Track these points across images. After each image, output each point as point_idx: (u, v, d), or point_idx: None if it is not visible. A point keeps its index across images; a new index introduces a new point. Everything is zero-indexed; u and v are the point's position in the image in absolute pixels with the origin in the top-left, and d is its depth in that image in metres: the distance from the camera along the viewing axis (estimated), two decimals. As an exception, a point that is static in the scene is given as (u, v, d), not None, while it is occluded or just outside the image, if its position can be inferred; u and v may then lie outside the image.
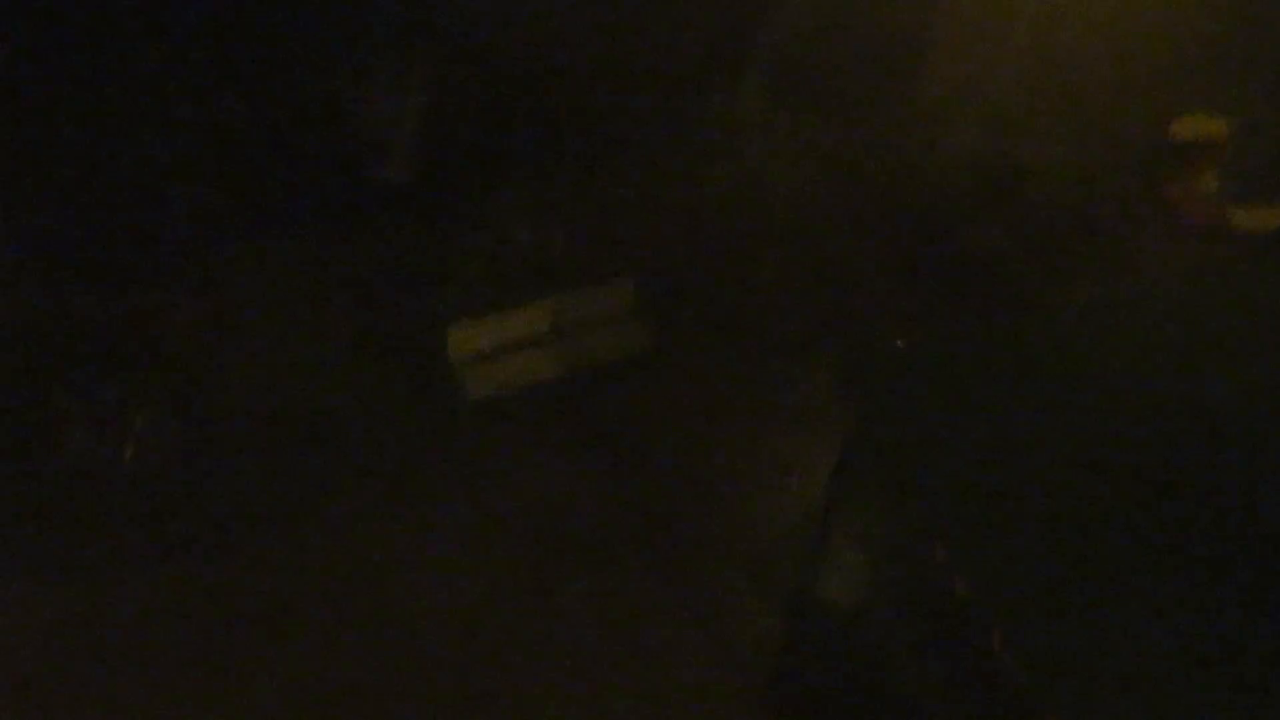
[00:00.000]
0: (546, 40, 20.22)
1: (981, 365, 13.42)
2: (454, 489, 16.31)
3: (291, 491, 16.07)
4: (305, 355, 17.35)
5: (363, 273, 18.16)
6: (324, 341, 17.53)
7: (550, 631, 15.10)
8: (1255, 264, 14.48)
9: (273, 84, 19.12)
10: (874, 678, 14.36)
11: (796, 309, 18.01)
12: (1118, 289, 14.45)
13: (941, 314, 16.36)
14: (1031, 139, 19.73)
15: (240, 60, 18.97)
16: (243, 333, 17.36)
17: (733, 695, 14.54)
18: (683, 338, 17.62)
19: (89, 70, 18.57)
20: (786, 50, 20.60)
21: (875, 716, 14.24)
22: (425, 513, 16.06)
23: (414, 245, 18.57)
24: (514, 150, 19.33)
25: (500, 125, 19.69)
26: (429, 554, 15.71)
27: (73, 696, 14.31)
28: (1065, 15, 20.93)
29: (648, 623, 15.17)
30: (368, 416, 16.83)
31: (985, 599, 11.97)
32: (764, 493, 16.12)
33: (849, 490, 14.06)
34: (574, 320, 17.35)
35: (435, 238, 18.64)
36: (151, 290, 17.68)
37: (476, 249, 18.48)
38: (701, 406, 17.03)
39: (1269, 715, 11.11)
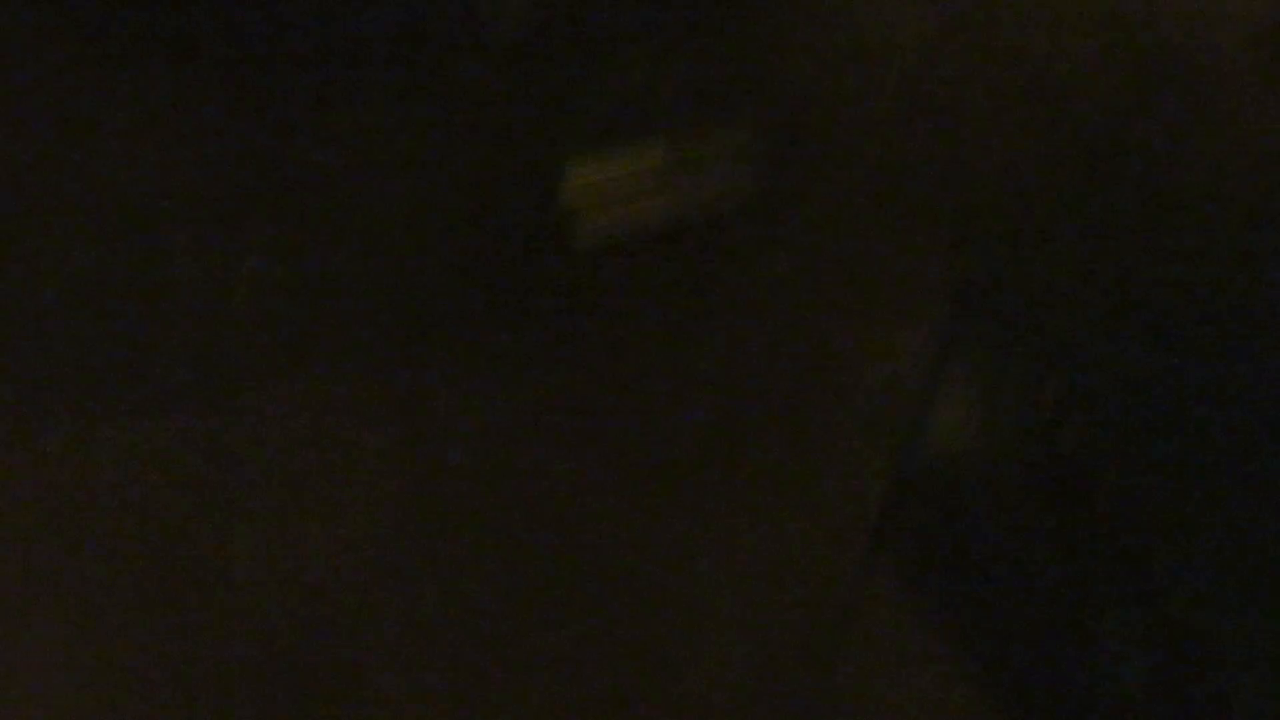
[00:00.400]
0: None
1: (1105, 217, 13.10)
2: (554, 339, 16.15)
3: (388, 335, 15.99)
4: (398, 197, 17.10)
5: (475, 116, 17.93)
6: (418, 186, 17.30)
7: (654, 495, 14.88)
8: None
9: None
10: (980, 528, 14.13)
11: (914, 166, 17.62)
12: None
13: (1069, 188, 15.93)
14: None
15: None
16: (346, 177, 17.23)
17: (837, 540, 14.37)
18: (795, 186, 17.32)
19: None
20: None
21: (976, 570, 14.02)
22: (512, 362, 15.36)
23: (525, 93, 18.37)
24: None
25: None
26: (504, 415, 14.88)
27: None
28: None
29: (760, 479, 14.99)
30: (467, 266, 16.66)
31: (1094, 448, 11.68)
32: (874, 338, 15.75)
33: (963, 329, 13.79)
34: (683, 162, 17.12)
35: (551, 82, 18.42)
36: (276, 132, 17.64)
37: (593, 94, 18.32)
38: (811, 255, 16.67)
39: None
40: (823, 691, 13.66)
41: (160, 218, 15.93)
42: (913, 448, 14.28)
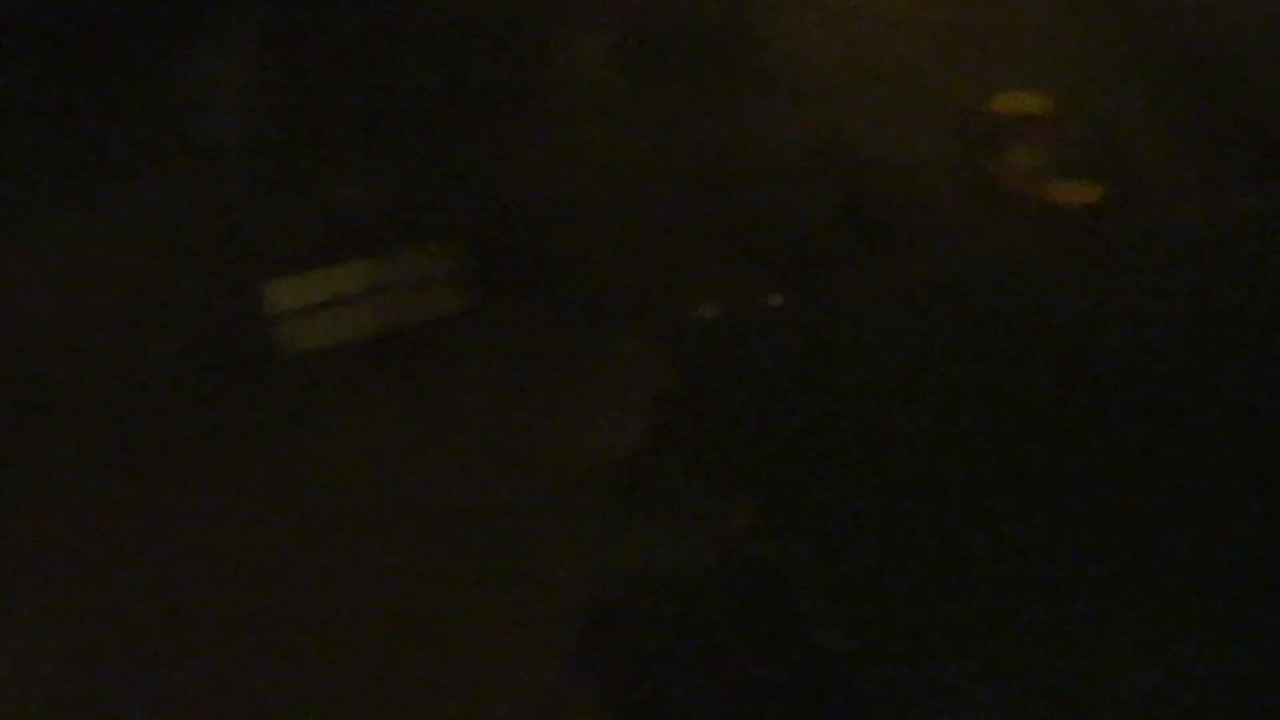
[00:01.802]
0: (377, 5, 20.21)
1: (799, 339, 13.52)
2: (269, 442, 15.95)
3: (97, 447, 15.72)
4: (109, 306, 16.84)
5: (175, 227, 17.78)
6: (137, 292, 17.00)
7: (361, 596, 14.82)
8: (1076, 242, 14.71)
9: (97, 39, 18.88)
10: (681, 635, 14.40)
11: (617, 276, 17.87)
12: (937, 266, 14.60)
13: (763, 286, 16.41)
14: (854, 111, 19.79)
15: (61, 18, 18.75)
16: (46, 283, 16.97)
17: (542, 662, 14.50)
18: (501, 300, 17.38)
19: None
20: (615, 21, 20.69)
21: (682, 675, 14.27)
22: (240, 465, 15.67)
23: (236, 200, 18.27)
24: (336, 111, 19.21)
25: (325, 87, 19.57)
26: (242, 508, 15.26)
27: None
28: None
29: (460, 587, 14.94)
30: (177, 371, 16.53)
31: (793, 565, 12.03)
32: (575, 449, 15.93)
33: (658, 455, 14.10)
34: (393, 279, 17.15)
35: (255, 196, 18.37)
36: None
37: (296, 209, 18.30)
38: (516, 365, 16.82)
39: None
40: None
41: None
42: (610, 560, 14.51)
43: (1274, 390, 12.72)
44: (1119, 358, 13.79)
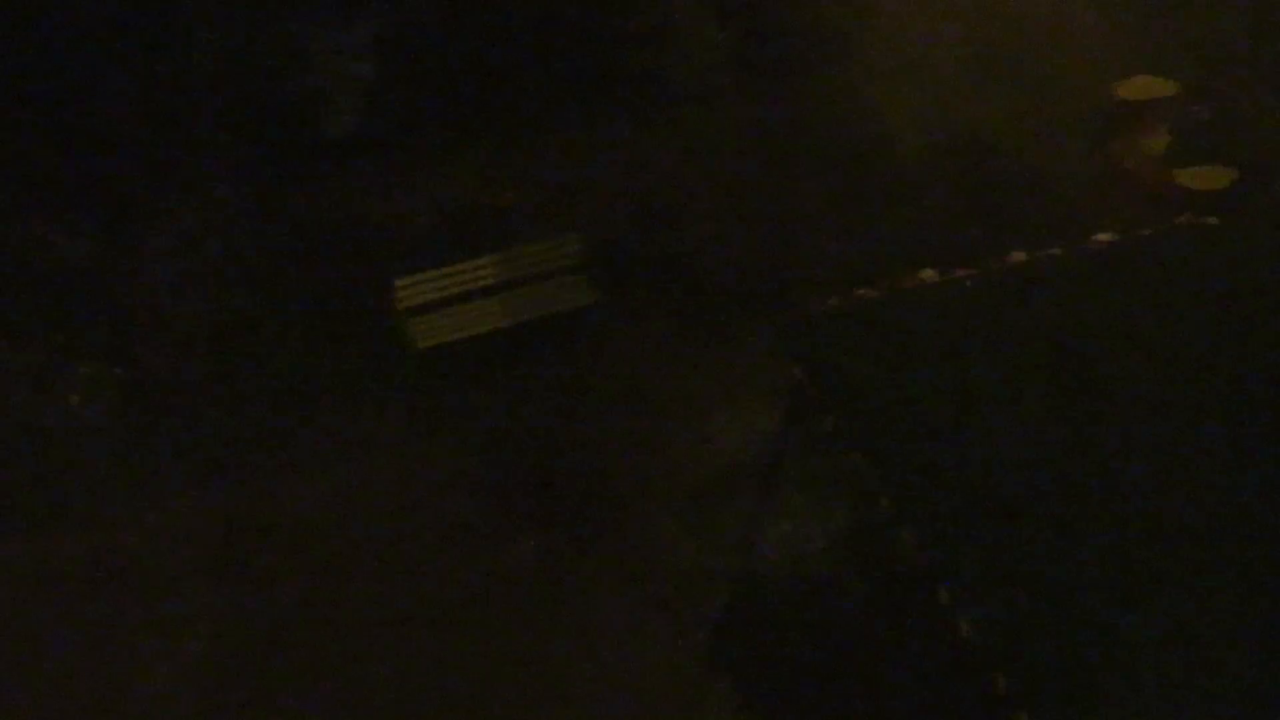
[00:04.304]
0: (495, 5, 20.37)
1: (931, 325, 13.47)
2: (399, 436, 16.29)
3: (240, 437, 16.01)
4: (249, 305, 17.21)
5: (310, 224, 18.06)
6: (268, 292, 17.46)
7: (490, 580, 15.14)
8: (1201, 228, 14.57)
9: (224, 31, 19.10)
10: (823, 630, 14.41)
11: (744, 267, 18.04)
12: (1061, 250, 14.48)
13: (892, 273, 16.46)
14: (981, 102, 19.81)
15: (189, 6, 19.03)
16: (183, 281, 17.37)
17: (664, 640, 14.69)
18: (630, 292, 17.60)
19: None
20: (744, 13, 20.71)
21: (824, 670, 14.28)
22: (371, 457, 16.01)
23: (364, 196, 18.49)
24: (461, 109, 19.35)
25: (451, 80, 19.73)
26: (374, 497, 15.66)
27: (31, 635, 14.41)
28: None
29: (586, 570, 15.21)
30: (314, 365, 16.76)
31: (932, 555, 12.00)
32: (705, 448, 16.16)
33: (797, 441, 14.09)
34: (520, 274, 17.27)
35: (385, 191, 18.63)
36: (89, 238, 17.56)
37: (426, 203, 18.53)
38: (647, 358, 17.04)
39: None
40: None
41: None
42: (754, 548, 14.55)
43: None
44: (1258, 338, 13.70)
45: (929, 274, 13.78)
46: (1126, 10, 20.97)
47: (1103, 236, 14.34)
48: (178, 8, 19.22)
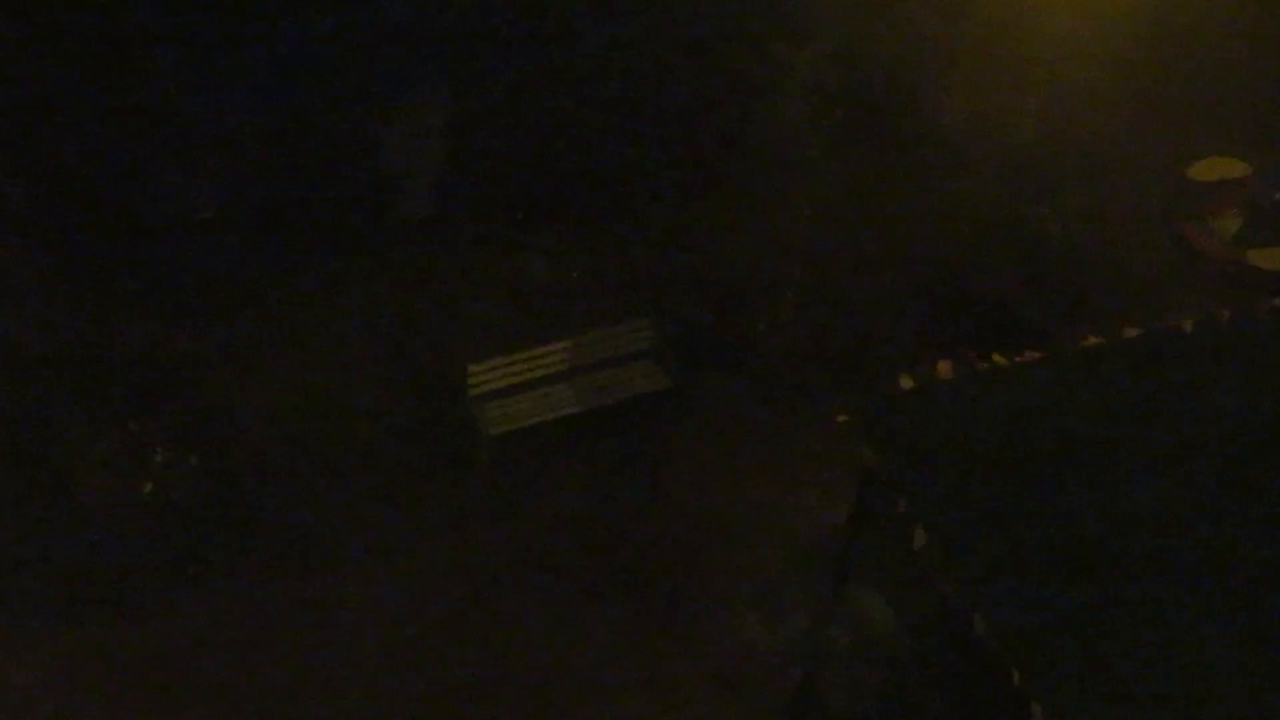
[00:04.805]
0: (569, 80, 20.56)
1: (994, 406, 13.48)
2: (474, 520, 16.39)
3: (314, 525, 16.14)
4: (326, 388, 17.42)
5: (385, 307, 18.29)
6: (344, 374, 17.61)
7: (566, 659, 15.20)
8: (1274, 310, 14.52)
9: (300, 116, 19.39)
10: (893, 717, 14.34)
11: (812, 350, 18.13)
12: (1134, 332, 14.47)
13: (957, 356, 16.53)
14: (1049, 179, 19.91)
15: (269, 91, 19.27)
16: (263, 364, 17.59)
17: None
18: (702, 375, 17.69)
19: (121, 105, 18.94)
20: (801, 98, 20.86)
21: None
22: (448, 542, 16.13)
23: (436, 280, 18.73)
24: (535, 188, 19.53)
25: (522, 163, 19.96)
26: (452, 583, 15.76)
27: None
28: (1083, 56, 21.13)
29: (662, 654, 15.24)
30: (389, 449, 16.91)
31: (1002, 638, 11.96)
32: (777, 529, 16.22)
33: (865, 530, 14.09)
34: (592, 359, 17.39)
35: (458, 273, 18.82)
36: (170, 321, 17.80)
37: (496, 289, 18.68)
38: (718, 441, 17.12)
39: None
40: None
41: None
42: (824, 630, 14.50)
43: None
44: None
45: (998, 357, 13.83)
46: (1198, 91, 21.08)
47: (1183, 322, 14.31)
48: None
